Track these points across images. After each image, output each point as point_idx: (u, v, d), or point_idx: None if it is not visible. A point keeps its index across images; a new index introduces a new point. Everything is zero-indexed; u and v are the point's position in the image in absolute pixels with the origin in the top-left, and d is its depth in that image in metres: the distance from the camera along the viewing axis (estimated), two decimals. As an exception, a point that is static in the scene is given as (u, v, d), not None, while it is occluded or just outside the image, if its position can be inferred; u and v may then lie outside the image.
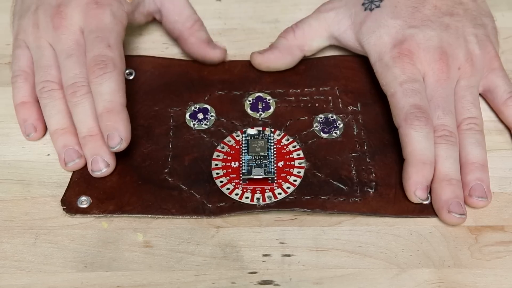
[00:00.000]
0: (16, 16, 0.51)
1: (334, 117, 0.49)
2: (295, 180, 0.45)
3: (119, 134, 0.44)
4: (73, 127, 0.47)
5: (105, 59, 0.45)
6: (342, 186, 0.45)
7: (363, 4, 0.51)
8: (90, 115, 0.46)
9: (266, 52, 0.52)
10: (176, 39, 0.54)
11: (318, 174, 0.46)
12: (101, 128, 0.44)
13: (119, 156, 0.47)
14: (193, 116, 0.50)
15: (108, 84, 0.45)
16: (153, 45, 0.55)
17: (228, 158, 0.47)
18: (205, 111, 0.50)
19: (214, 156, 0.47)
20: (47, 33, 0.48)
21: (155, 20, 0.55)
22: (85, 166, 0.46)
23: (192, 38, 0.53)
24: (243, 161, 0.46)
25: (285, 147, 0.47)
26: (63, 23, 0.47)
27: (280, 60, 0.52)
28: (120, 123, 0.44)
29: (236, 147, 0.47)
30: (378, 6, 0.50)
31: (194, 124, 0.49)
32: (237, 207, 0.44)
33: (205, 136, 0.49)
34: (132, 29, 0.56)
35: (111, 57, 0.46)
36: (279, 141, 0.48)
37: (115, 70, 0.45)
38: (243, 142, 0.48)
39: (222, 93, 0.51)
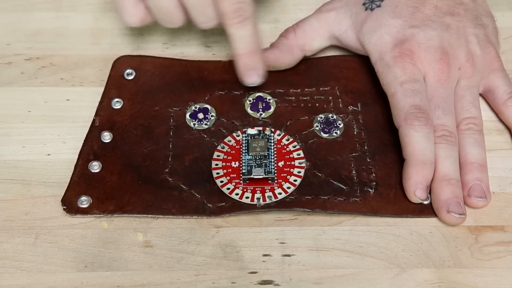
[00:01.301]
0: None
1: (335, 117, 0.49)
2: (295, 180, 0.45)
3: (257, 72, 0.49)
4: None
5: (244, 6, 0.47)
6: (342, 186, 0.45)
7: (363, 4, 0.51)
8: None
9: (266, 51, 0.52)
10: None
11: (318, 174, 0.46)
12: (239, 67, 0.49)
13: (119, 156, 0.47)
14: (194, 116, 0.50)
15: (249, 27, 0.48)
16: (154, 45, 0.55)
17: (229, 158, 0.47)
18: (205, 111, 0.50)
19: (214, 156, 0.47)
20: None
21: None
22: (83, 166, 0.46)
23: None
24: (243, 161, 0.46)
25: (285, 147, 0.47)
26: None
27: (280, 60, 0.52)
28: (259, 62, 0.49)
29: (236, 147, 0.47)
30: (378, 6, 0.50)
31: (194, 124, 0.49)
32: (237, 207, 0.44)
33: (205, 136, 0.49)
34: (132, 29, 0.56)
35: (248, 3, 0.48)
36: (279, 141, 0.48)
37: (252, 14, 0.48)
38: (243, 142, 0.48)
39: (223, 93, 0.51)
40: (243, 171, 0.46)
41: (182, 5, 0.48)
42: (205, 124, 0.49)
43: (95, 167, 0.46)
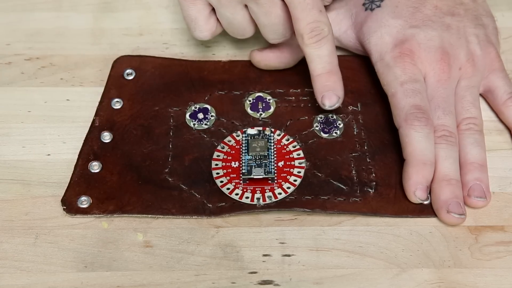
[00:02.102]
0: None
1: (334, 117, 0.49)
2: (295, 180, 0.45)
3: (337, 93, 0.46)
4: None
5: (320, 25, 0.46)
6: (342, 186, 0.45)
7: (363, 4, 0.51)
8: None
9: (266, 50, 0.52)
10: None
11: (318, 174, 0.46)
12: (317, 89, 0.47)
13: (119, 156, 0.47)
14: (193, 116, 0.50)
15: (326, 47, 0.46)
16: (153, 45, 0.55)
17: (228, 158, 0.47)
18: (205, 111, 0.50)
19: (214, 156, 0.47)
20: None
21: (161, 21, 0.55)
22: (83, 166, 0.46)
23: None
24: (243, 161, 0.46)
25: (285, 147, 0.47)
26: None
27: (279, 59, 0.52)
28: (338, 83, 0.46)
29: (236, 147, 0.47)
30: (378, 6, 0.50)
31: (194, 124, 0.49)
32: (237, 207, 0.44)
33: (205, 136, 0.49)
34: (132, 29, 0.56)
35: (325, 22, 0.46)
36: (279, 141, 0.48)
37: (329, 33, 0.46)
38: (243, 142, 0.48)
39: (222, 93, 0.51)
40: (243, 171, 0.46)
41: (253, 20, 0.48)
42: (205, 124, 0.49)
43: (95, 167, 0.46)
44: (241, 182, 0.45)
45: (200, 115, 0.50)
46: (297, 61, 0.52)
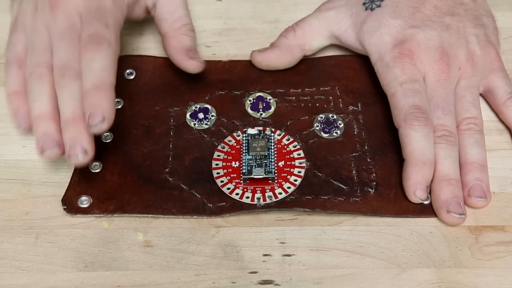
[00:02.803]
0: (16, 2, 0.50)
1: (335, 117, 0.49)
2: (295, 180, 0.45)
3: (103, 112, 0.41)
4: (57, 115, 0.44)
5: (101, 37, 0.44)
6: (342, 186, 0.45)
7: (364, 3, 0.51)
8: (76, 99, 0.43)
9: (266, 51, 0.52)
10: (161, 38, 0.53)
11: (319, 174, 0.46)
12: (84, 106, 0.42)
13: (119, 156, 0.47)
14: (194, 115, 0.50)
15: (100, 60, 0.43)
16: (154, 45, 0.55)
17: (229, 157, 0.47)
18: (205, 111, 0.50)
19: (215, 156, 0.47)
20: (44, 15, 0.46)
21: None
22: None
23: (174, 40, 0.51)
24: (244, 161, 0.46)
25: (285, 147, 0.47)
26: (60, 4, 0.46)
27: (280, 59, 0.52)
28: (106, 101, 0.42)
29: (236, 146, 0.47)
30: (379, 6, 0.50)
31: (194, 124, 0.49)
32: (237, 207, 0.44)
33: (205, 135, 0.49)
34: (132, 29, 0.56)
35: (107, 37, 0.44)
36: (280, 140, 0.48)
37: (109, 49, 0.44)
38: (244, 141, 0.48)
39: (223, 93, 0.51)
40: (244, 171, 0.46)
41: None
42: (206, 124, 0.49)
43: (95, 167, 0.46)
44: (242, 182, 0.45)
45: (201, 115, 0.50)
46: (298, 61, 0.52)
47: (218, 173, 0.46)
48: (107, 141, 0.48)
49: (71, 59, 0.44)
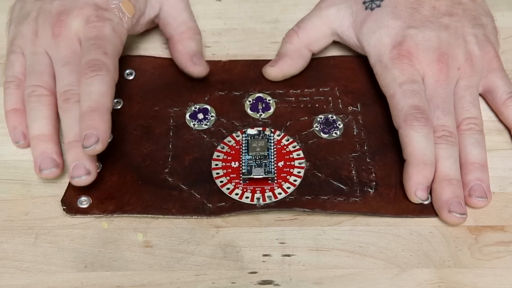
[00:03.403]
0: (13, 21, 0.51)
1: (334, 117, 0.49)
2: (295, 180, 0.45)
3: (98, 134, 0.42)
4: (56, 136, 0.46)
5: (99, 63, 0.45)
6: (342, 186, 0.45)
7: (364, 2, 0.51)
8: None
9: (278, 63, 0.52)
10: (167, 42, 0.53)
11: (318, 174, 0.46)
12: (80, 128, 0.43)
13: (119, 156, 0.47)
14: (193, 116, 0.50)
15: (98, 85, 0.44)
16: (153, 45, 0.55)
17: (228, 158, 0.47)
18: (205, 111, 0.50)
19: (214, 156, 0.47)
20: (46, 41, 0.48)
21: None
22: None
23: (179, 45, 0.52)
24: (243, 161, 0.46)
25: (285, 147, 0.47)
26: (62, 32, 0.47)
27: (294, 67, 0.52)
28: (101, 123, 0.43)
29: (236, 147, 0.47)
30: (378, 6, 0.50)
31: (194, 124, 0.49)
32: (237, 207, 0.44)
33: (205, 136, 0.49)
34: (132, 29, 0.56)
35: (106, 63, 0.45)
36: (279, 141, 0.48)
37: (107, 74, 0.45)
38: (243, 142, 0.48)
39: (222, 93, 0.51)
40: (243, 171, 0.46)
41: None
42: (205, 125, 0.49)
43: (95, 167, 0.46)
44: (241, 182, 0.45)
45: (200, 115, 0.50)
46: (309, 61, 0.52)
47: (217, 173, 0.46)
48: (107, 141, 0.48)
49: (74, 85, 0.46)
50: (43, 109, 0.46)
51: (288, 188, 0.45)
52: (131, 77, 0.52)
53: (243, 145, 0.47)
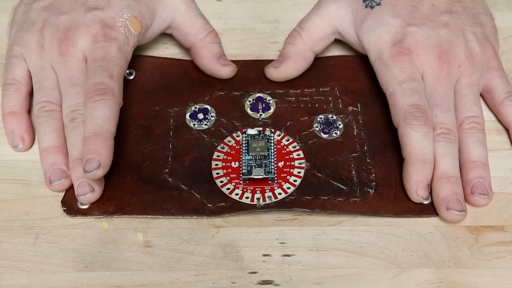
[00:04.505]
0: (16, 25, 0.51)
1: (334, 117, 0.49)
2: (295, 180, 0.45)
3: (100, 159, 0.43)
4: (65, 148, 0.46)
5: (105, 87, 0.45)
6: (342, 186, 0.45)
7: (364, 1, 0.51)
8: None
9: (281, 65, 0.51)
10: (188, 51, 0.53)
11: (318, 174, 0.46)
12: (83, 151, 0.43)
13: (119, 157, 0.47)
14: (193, 116, 0.50)
15: (103, 110, 0.44)
16: (153, 45, 0.55)
17: (228, 158, 0.47)
18: (205, 111, 0.50)
19: (214, 156, 0.47)
20: (52, 57, 0.48)
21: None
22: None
23: (204, 50, 0.52)
24: (243, 161, 0.46)
25: (285, 147, 0.47)
26: (70, 50, 0.48)
27: (296, 69, 0.52)
28: (104, 149, 0.43)
29: (236, 147, 0.47)
30: (378, 4, 0.50)
31: (194, 124, 0.49)
32: (237, 207, 0.44)
33: (205, 136, 0.49)
34: (132, 29, 0.56)
35: (111, 87, 0.46)
36: (279, 141, 0.48)
37: (113, 99, 0.45)
38: (243, 142, 0.48)
39: (222, 93, 0.51)
40: (243, 171, 0.46)
41: None
42: (205, 125, 0.49)
43: (95, 167, 0.46)
44: (241, 182, 0.45)
45: (200, 116, 0.50)
46: (311, 62, 0.52)
47: (217, 173, 0.46)
48: (107, 141, 0.48)
49: (81, 106, 0.46)
50: (53, 122, 0.47)
51: (288, 188, 0.45)
52: (131, 77, 0.52)
53: (243, 145, 0.47)
